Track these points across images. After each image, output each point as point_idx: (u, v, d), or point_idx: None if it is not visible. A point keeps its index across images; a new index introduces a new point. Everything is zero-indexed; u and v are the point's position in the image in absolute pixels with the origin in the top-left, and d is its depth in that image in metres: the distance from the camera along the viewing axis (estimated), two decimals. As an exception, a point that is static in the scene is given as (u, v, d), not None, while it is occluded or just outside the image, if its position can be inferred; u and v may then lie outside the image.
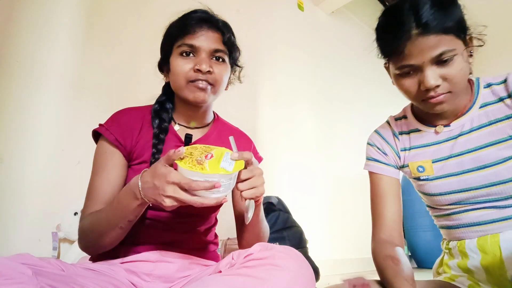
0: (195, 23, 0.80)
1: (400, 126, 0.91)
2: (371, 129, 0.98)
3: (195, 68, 0.79)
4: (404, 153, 0.89)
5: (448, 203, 0.81)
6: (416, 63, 0.72)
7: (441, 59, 0.70)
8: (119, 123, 0.81)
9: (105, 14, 1.75)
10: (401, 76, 0.76)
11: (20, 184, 1.39)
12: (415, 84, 0.75)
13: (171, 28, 0.85)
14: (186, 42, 0.80)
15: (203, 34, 0.80)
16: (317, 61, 3.05)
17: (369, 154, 0.93)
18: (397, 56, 0.74)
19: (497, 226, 0.76)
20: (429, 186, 0.83)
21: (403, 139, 0.89)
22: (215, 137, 0.90)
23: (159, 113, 0.85)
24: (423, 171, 0.84)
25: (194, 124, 0.88)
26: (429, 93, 0.73)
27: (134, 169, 0.80)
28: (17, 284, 0.46)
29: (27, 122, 1.44)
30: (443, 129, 0.83)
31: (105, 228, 0.70)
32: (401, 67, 0.75)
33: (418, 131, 0.87)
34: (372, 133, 0.95)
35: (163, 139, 0.81)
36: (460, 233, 0.81)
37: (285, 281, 0.57)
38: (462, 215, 0.80)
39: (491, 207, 0.76)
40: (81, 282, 0.59)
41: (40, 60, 1.52)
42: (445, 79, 0.72)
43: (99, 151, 0.80)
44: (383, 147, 0.91)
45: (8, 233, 1.34)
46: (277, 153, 2.45)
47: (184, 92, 0.81)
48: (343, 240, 2.79)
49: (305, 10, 3.07)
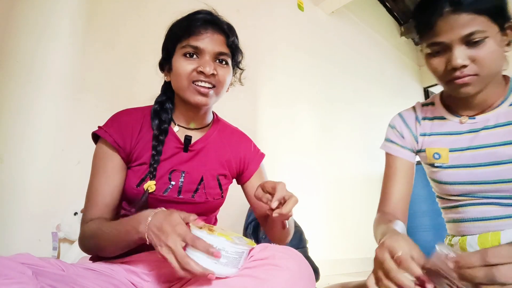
0: (200, 24, 0.79)
1: (425, 111, 0.92)
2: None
3: (198, 70, 0.78)
4: (423, 138, 0.89)
5: (456, 194, 0.82)
6: (445, 41, 0.72)
7: (471, 39, 0.70)
8: (118, 124, 0.81)
9: (105, 14, 1.75)
10: (431, 56, 0.77)
11: (20, 184, 1.39)
12: (443, 63, 0.75)
13: (175, 28, 0.84)
14: (191, 44, 0.78)
15: (208, 36, 0.79)
16: (317, 61, 3.05)
17: (388, 135, 0.94)
18: (428, 33, 0.74)
19: (500, 224, 0.76)
20: (441, 174, 0.83)
21: (424, 124, 0.90)
22: (215, 137, 0.90)
23: (159, 114, 0.84)
24: (438, 158, 0.84)
25: (194, 125, 0.88)
26: (455, 72, 0.73)
27: (134, 170, 0.80)
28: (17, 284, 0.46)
29: (27, 122, 1.44)
30: (468, 120, 0.83)
31: (106, 243, 0.70)
32: (431, 45, 0.75)
33: (442, 118, 0.87)
34: (395, 115, 0.96)
35: (162, 141, 0.81)
36: (464, 228, 0.82)
37: (285, 281, 0.58)
38: (468, 209, 0.81)
39: (497, 203, 0.77)
40: (81, 282, 0.59)
41: (40, 60, 1.52)
42: (473, 60, 0.71)
43: (98, 153, 0.80)
44: (402, 130, 0.91)
45: (8, 233, 1.34)
46: (277, 153, 2.45)
47: (186, 93, 0.80)
48: (343, 240, 2.79)
49: (305, 10, 3.07)
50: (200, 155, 0.86)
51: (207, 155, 0.86)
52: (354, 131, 3.22)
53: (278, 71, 2.66)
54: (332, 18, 3.38)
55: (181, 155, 0.83)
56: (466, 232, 0.82)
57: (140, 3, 1.88)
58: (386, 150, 0.93)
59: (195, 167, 0.84)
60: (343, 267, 2.65)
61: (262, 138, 2.37)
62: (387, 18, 4.46)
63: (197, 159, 0.85)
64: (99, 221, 0.73)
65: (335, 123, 3.05)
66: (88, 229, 0.73)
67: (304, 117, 2.77)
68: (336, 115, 3.09)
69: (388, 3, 4.37)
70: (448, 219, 0.88)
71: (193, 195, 0.81)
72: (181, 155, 0.83)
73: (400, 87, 4.31)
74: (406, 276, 0.52)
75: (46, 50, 1.54)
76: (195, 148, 0.85)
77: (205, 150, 0.87)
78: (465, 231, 0.82)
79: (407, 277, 0.52)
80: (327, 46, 3.22)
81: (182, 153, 0.84)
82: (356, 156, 3.19)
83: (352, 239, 2.89)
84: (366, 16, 3.91)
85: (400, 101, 4.14)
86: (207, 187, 0.83)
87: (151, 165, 0.78)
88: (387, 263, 0.54)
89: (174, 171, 0.81)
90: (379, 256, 0.56)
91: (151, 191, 0.77)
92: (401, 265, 0.53)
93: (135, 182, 0.78)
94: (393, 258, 0.54)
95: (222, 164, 0.88)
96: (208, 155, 0.87)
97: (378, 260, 0.56)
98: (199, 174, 0.83)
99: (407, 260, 0.52)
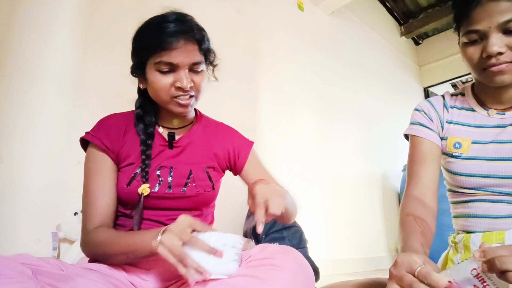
0: (171, 36, 0.76)
1: (454, 100, 0.91)
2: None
3: (176, 85, 0.77)
4: (449, 125, 0.88)
5: (469, 187, 0.81)
6: (482, 29, 0.72)
7: (508, 27, 0.70)
8: (104, 128, 0.83)
9: (105, 14, 1.75)
10: (467, 45, 0.76)
11: (20, 184, 1.39)
12: (478, 51, 0.74)
13: (145, 38, 0.80)
14: (164, 60, 0.76)
15: (181, 49, 0.76)
16: (317, 61, 3.05)
17: (414, 118, 0.91)
18: (465, 20, 0.74)
19: (506, 222, 0.76)
20: (458, 165, 0.82)
21: (452, 112, 0.89)
22: (199, 132, 0.90)
23: (143, 118, 0.85)
24: (459, 147, 0.83)
25: (177, 121, 0.89)
26: (490, 60, 0.72)
27: (124, 171, 0.81)
28: (17, 283, 0.46)
29: (27, 122, 1.44)
30: (496, 115, 0.82)
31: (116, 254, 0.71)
32: (468, 33, 0.74)
33: (471, 110, 0.87)
34: (421, 101, 0.94)
35: (150, 145, 0.82)
36: (470, 223, 0.82)
37: (285, 281, 0.58)
38: (477, 204, 0.80)
39: (507, 201, 0.77)
40: (81, 281, 0.59)
41: (40, 60, 1.52)
42: (510, 48, 0.71)
43: (89, 158, 0.81)
44: (430, 114, 0.90)
45: (8, 233, 1.34)
46: (277, 153, 2.45)
47: (167, 105, 0.81)
48: (343, 240, 2.79)
49: (305, 10, 3.07)
50: (186, 151, 0.86)
51: (193, 149, 0.87)
52: (354, 131, 3.22)
53: (278, 71, 2.66)
54: (332, 18, 3.38)
55: (167, 152, 0.85)
56: (472, 228, 0.81)
57: (140, 2, 1.88)
58: (413, 133, 0.89)
59: (182, 162, 0.84)
60: (343, 267, 2.65)
61: (262, 138, 2.37)
62: (387, 18, 4.46)
63: (184, 154, 0.86)
64: (108, 232, 0.73)
65: (334, 123, 3.05)
66: (95, 238, 0.73)
67: (304, 117, 2.77)
68: (336, 115, 3.09)
69: (388, 3, 4.37)
70: (456, 213, 0.87)
71: (184, 189, 0.81)
72: (167, 152, 0.84)
73: (400, 87, 4.31)
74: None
75: (46, 50, 1.54)
76: (180, 144, 0.86)
77: (191, 145, 0.87)
78: (470, 227, 0.82)
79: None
80: (327, 46, 3.22)
81: (168, 150, 0.85)
82: (356, 156, 3.19)
83: (352, 239, 2.89)
84: (366, 16, 3.91)
85: (400, 101, 4.14)
86: (196, 179, 0.83)
87: (143, 169, 0.79)
88: (407, 277, 0.51)
89: (162, 167, 0.82)
90: (395, 273, 0.53)
91: (146, 194, 0.77)
92: (423, 278, 0.50)
93: (125, 182, 0.79)
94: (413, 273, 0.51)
95: (210, 157, 0.89)
96: (195, 150, 0.87)
97: (396, 277, 0.53)
98: (187, 168, 0.84)
99: (429, 272, 0.49)
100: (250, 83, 2.41)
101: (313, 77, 2.96)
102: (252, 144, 0.96)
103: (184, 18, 0.81)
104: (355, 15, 3.70)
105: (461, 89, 0.93)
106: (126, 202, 0.80)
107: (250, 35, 2.49)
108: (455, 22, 0.80)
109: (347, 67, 3.41)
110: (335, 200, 2.84)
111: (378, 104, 3.69)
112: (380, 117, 3.63)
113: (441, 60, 4.67)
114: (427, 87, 4.82)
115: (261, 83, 2.49)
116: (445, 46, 4.58)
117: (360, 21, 3.79)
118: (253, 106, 2.40)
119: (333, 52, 3.28)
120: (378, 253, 3.15)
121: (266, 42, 2.62)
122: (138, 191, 0.77)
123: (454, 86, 5.13)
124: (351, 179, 3.07)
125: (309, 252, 1.91)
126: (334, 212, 2.78)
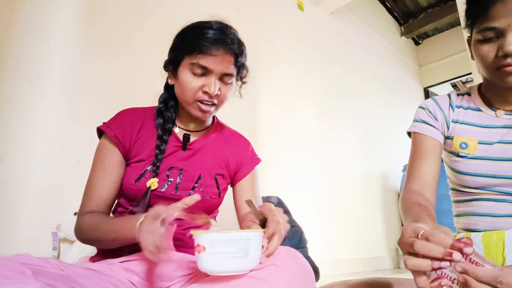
0: (210, 44, 0.78)
1: (460, 100, 0.90)
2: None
3: (204, 90, 0.79)
4: (454, 124, 0.87)
5: (474, 186, 0.81)
6: (500, 26, 0.70)
7: None
8: (119, 121, 0.84)
9: (105, 14, 1.75)
10: (481, 42, 0.74)
11: (20, 184, 1.39)
12: (493, 49, 0.72)
13: (186, 39, 0.82)
14: (200, 63, 0.78)
15: (218, 57, 0.78)
16: (317, 61, 3.05)
17: (418, 116, 0.91)
18: (482, 17, 0.72)
19: (507, 221, 0.76)
20: (464, 164, 0.82)
21: (458, 112, 0.88)
22: (213, 138, 0.92)
23: (163, 113, 0.86)
24: (465, 147, 0.82)
25: (193, 125, 0.90)
26: (506, 59, 0.71)
27: (133, 167, 0.81)
28: (17, 284, 0.46)
29: (27, 122, 1.44)
30: (504, 115, 0.82)
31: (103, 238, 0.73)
32: (484, 30, 0.72)
33: (477, 110, 0.86)
34: (427, 100, 0.93)
35: (166, 140, 0.83)
36: (472, 221, 0.82)
37: (285, 281, 0.58)
38: (480, 203, 0.80)
39: (509, 201, 0.77)
40: (81, 281, 0.59)
41: (40, 60, 1.52)
42: None
43: (100, 147, 0.83)
44: (435, 112, 0.89)
45: (8, 233, 1.34)
46: (277, 153, 2.45)
47: (189, 107, 0.83)
48: (343, 240, 2.79)
49: (305, 10, 3.07)
50: (198, 154, 0.87)
51: (205, 154, 0.88)
52: (354, 131, 3.22)
53: (278, 71, 2.66)
54: (332, 18, 3.38)
55: (180, 153, 0.85)
56: (473, 226, 0.82)
57: (140, 3, 1.88)
58: (415, 131, 0.88)
59: (193, 165, 0.85)
60: (343, 267, 2.65)
61: (262, 138, 2.37)
62: (387, 18, 4.46)
63: (195, 158, 0.87)
64: (98, 216, 0.76)
65: (334, 123, 3.05)
66: (86, 222, 0.76)
67: (304, 117, 2.77)
68: (336, 115, 3.09)
69: (388, 3, 4.37)
70: (458, 212, 0.87)
71: (190, 192, 0.82)
72: (180, 153, 0.85)
73: (400, 87, 4.31)
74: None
75: (46, 50, 1.54)
76: (193, 147, 0.87)
77: (203, 150, 0.88)
78: (472, 225, 0.82)
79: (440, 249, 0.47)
80: (327, 46, 3.23)
81: (181, 151, 0.86)
82: (356, 156, 3.19)
83: (352, 239, 2.89)
84: (366, 16, 3.91)
85: (400, 101, 4.14)
86: (204, 185, 0.84)
87: (154, 164, 0.80)
88: (416, 242, 0.49)
89: (172, 168, 0.83)
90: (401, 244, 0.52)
91: (154, 188, 0.78)
92: (426, 240, 0.48)
93: (134, 178, 0.80)
94: (418, 237, 0.50)
95: (220, 164, 0.90)
96: (206, 155, 0.88)
97: (402, 246, 0.52)
98: (197, 173, 0.85)
99: (433, 233, 0.48)
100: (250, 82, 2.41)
101: (313, 77, 2.96)
102: (258, 162, 0.96)
103: (228, 29, 0.83)
104: (355, 15, 3.70)
105: (467, 88, 0.92)
106: (132, 197, 0.81)
107: (250, 35, 2.49)
108: (469, 19, 0.77)
109: (347, 67, 3.41)
110: (335, 200, 2.83)
111: (378, 104, 3.68)
112: (380, 117, 3.63)
113: (441, 60, 4.67)
114: (427, 87, 4.82)
115: (261, 83, 2.49)
116: (445, 46, 4.59)
117: (360, 21, 3.79)
118: (253, 106, 2.40)
119: (333, 52, 3.28)
120: (378, 253, 3.15)
121: (266, 42, 2.62)
122: (146, 184, 0.78)
123: (454, 86, 5.13)
124: (351, 179, 3.07)
125: (309, 252, 1.91)
126: (334, 212, 2.78)
